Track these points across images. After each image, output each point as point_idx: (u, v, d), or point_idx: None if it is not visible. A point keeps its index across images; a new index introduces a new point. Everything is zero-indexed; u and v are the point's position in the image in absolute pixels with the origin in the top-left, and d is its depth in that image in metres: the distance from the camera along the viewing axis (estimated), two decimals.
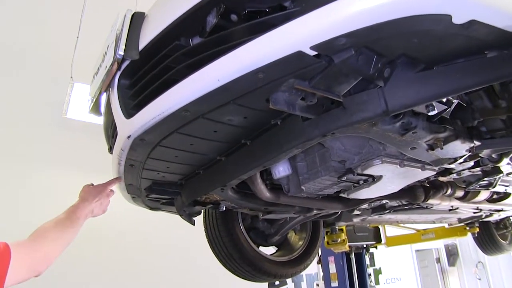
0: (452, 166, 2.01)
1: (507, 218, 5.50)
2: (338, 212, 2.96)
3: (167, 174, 2.19)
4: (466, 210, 3.30)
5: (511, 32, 1.22)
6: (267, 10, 1.43)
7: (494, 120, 1.96)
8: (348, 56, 1.24)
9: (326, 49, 1.21)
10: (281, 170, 2.11)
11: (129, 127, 1.67)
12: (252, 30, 1.33)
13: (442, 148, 1.68)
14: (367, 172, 1.94)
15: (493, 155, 2.14)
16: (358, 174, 1.97)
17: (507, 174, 2.49)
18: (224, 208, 2.58)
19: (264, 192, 2.22)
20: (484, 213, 3.71)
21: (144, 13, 1.84)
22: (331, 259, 6.46)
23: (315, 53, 1.22)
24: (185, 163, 2.03)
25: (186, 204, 2.37)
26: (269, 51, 1.25)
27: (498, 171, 2.34)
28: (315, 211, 2.65)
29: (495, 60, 1.31)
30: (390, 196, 2.46)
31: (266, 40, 1.26)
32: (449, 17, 1.13)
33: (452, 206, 3.03)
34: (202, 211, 3.02)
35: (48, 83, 6.36)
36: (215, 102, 1.44)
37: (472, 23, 1.15)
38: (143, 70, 1.68)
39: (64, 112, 5.70)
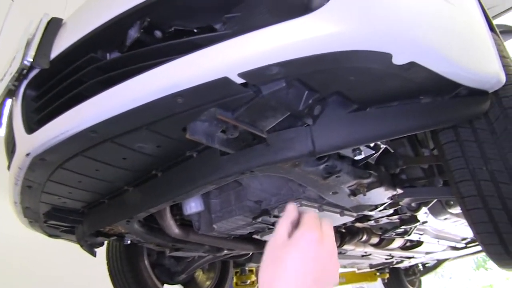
0: (371, 213, 1.95)
1: (416, 264, 5.59)
2: (249, 253, 2.83)
3: (69, 200, 1.97)
4: (379, 256, 3.28)
5: (447, 79, 1.16)
6: (196, 30, 1.32)
7: (415, 168, 1.93)
8: (278, 88, 1.13)
9: (256, 78, 1.10)
10: (192, 206, 1.96)
11: (29, 144, 1.48)
12: (175, 49, 1.20)
13: (365, 195, 1.61)
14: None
15: (413, 204, 2.11)
16: (274, 216, 1.86)
17: (422, 223, 2.47)
18: (129, 242, 2.38)
19: (173, 228, 2.06)
20: (396, 259, 3.72)
21: (62, 20, 1.66)
22: None
23: (243, 81, 1.11)
24: (89, 190, 1.83)
25: (88, 234, 2.16)
26: (191, 74, 1.13)
27: (415, 219, 2.32)
28: (225, 251, 2.51)
29: (429, 107, 1.26)
30: None
31: (189, 62, 1.13)
32: (389, 56, 1.06)
33: (365, 252, 2.99)
34: (106, 242, 2.80)
35: None
36: (126, 125, 1.29)
37: (412, 65, 1.09)
38: (52, 82, 1.50)
39: None
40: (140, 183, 1.73)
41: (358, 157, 1.43)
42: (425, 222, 2.47)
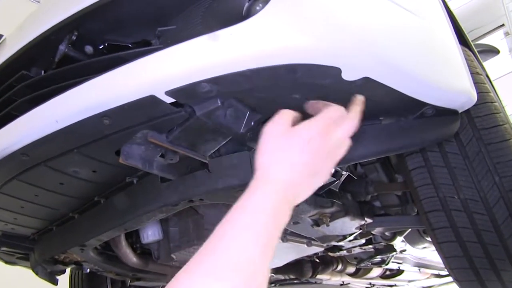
0: (341, 243, 1.80)
1: None
2: None
3: (16, 226, 1.83)
4: (358, 285, 3.12)
5: (410, 97, 1.03)
6: (131, 45, 1.19)
7: (389, 195, 1.77)
8: (213, 108, 0.99)
9: (186, 96, 0.97)
10: (149, 234, 1.82)
11: None
12: (103, 65, 1.06)
13: (328, 225, 1.46)
14: None
15: (386, 233, 1.96)
16: None
17: (401, 252, 2.31)
18: (88, 270, 2.23)
19: (130, 257, 1.92)
20: None
21: (2, 36, 1.54)
22: None
23: (173, 100, 0.98)
24: (34, 216, 1.69)
25: (39, 262, 2.01)
26: (115, 92, 1.01)
27: (391, 249, 2.16)
28: None
29: (390, 129, 1.12)
30: (276, 270, 2.22)
31: (113, 78, 1.01)
32: (337, 70, 0.91)
33: (343, 282, 2.83)
34: (68, 270, 2.65)
35: None
36: (56, 148, 1.18)
37: (367, 81, 0.95)
38: None
39: None
40: (85, 210, 1.59)
41: None
42: (404, 250, 2.31)
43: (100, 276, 2.63)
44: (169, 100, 0.97)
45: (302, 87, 0.96)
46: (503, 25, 7.20)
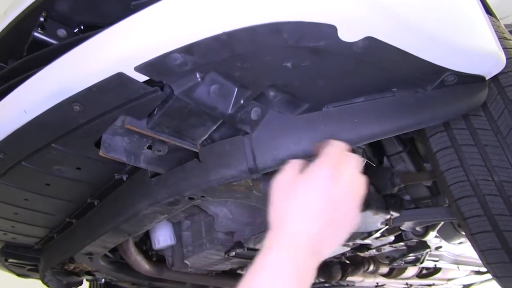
0: (367, 241, 1.63)
1: None
2: None
3: (17, 235, 1.75)
4: (394, 286, 2.92)
5: (426, 61, 0.86)
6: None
7: (419, 186, 1.60)
8: (193, 85, 0.85)
9: (158, 72, 0.82)
10: (161, 239, 1.72)
11: None
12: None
13: None
14: (261, 246, 1.54)
15: (417, 228, 1.77)
16: (251, 249, 1.55)
17: (436, 249, 2.12)
18: (103, 280, 2.12)
19: (142, 265, 1.82)
20: None
21: None
22: None
23: (145, 77, 0.83)
24: (31, 224, 1.59)
25: (46, 272, 1.92)
26: (78, 72, 0.87)
27: (424, 246, 1.97)
28: None
29: (406, 102, 0.96)
30: None
31: (75, 57, 0.87)
32: (332, 29, 0.76)
33: (377, 283, 2.64)
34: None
35: None
36: (31, 143, 1.06)
37: (370, 41, 0.79)
38: None
39: None
40: (82, 214, 1.46)
41: None
42: (439, 247, 2.12)
43: (117, 286, 2.52)
44: (141, 77, 0.83)
45: (292, 52, 0.81)
46: None
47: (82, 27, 1.09)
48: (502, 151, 1.05)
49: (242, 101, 0.90)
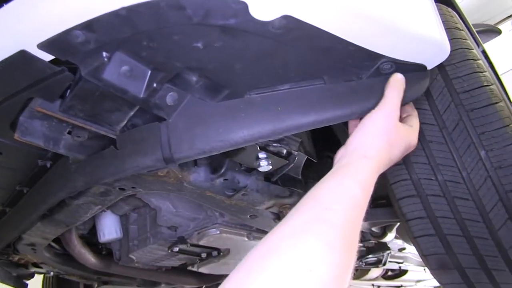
0: None
1: None
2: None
3: None
4: (360, 287, 2.84)
5: (358, 46, 0.79)
6: None
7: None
8: (99, 65, 0.77)
9: (62, 50, 0.74)
10: (106, 232, 1.63)
11: None
12: None
13: None
14: (205, 243, 1.46)
15: (374, 229, 1.70)
16: (194, 245, 1.48)
17: (400, 250, 2.05)
18: (52, 274, 2.04)
19: (87, 258, 1.73)
20: None
21: None
22: None
23: (51, 56, 0.75)
24: None
25: None
26: None
27: (384, 247, 1.89)
28: (163, 286, 2.13)
29: (338, 90, 0.88)
30: None
31: None
32: (243, 5, 0.68)
33: None
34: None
35: None
36: None
37: (289, 21, 0.72)
38: None
39: None
40: (14, 202, 1.38)
41: (262, 169, 1.05)
42: (403, 249, 2.05)
43: (72, 281, 2.44)
44: (47, 56, 0.75)
45: (201, 31, 0.73)
46: (511, 16, 7.00)
47: None
48: (447, 148, 0.98)
49: (155, 84, 0.82)
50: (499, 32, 2.77)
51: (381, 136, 0.84)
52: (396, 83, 0.88)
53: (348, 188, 0.73)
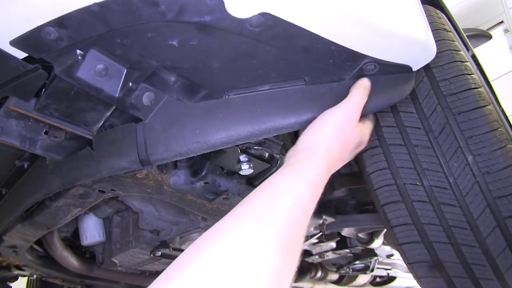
0: (304, 247, 1.53)
1: None
2: None
3: None
4: None
5: (339, 45, 0.76)
6: None
7: (364, 190, 1.49)
8: (72, 63, 0.74)
9: (34, 47, 0.72)
10: (88, 235, 1.60)
11: None
12: None
13: None
14: (187, 247, 1.44)
15: (361, 235, 1.67)
16: (176, 250, 1.45)
17: (388, 257, 2.02)
18: (35, 276, 2.00)
19: (70, 261, 1.71)
20: None
21: None
22: None
23: (24, 54, 0.73)
24: None
25: None
26: None
27: (371, 253, 1.86)
28: None
29: (319, 91, 0.86)
30: None
31: None
32: (218, 2, 0.66)
33: None
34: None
35: None
36: None
37: (267, 18, 0.69)
38: None
39: None
40: None
41: (244, 172, 1.02)
42: (391, 255, 2.02)
43: (56, 284, 2.41)
44: (20, 54, 0.73)
45: (176, 29, 0.70)
46: (502, 22, 7.04)
47: None
48: (433, 152, 0.95)
49: (131, 84, 0.79)
50: (489, 36, 2.76)
51: (335, 135, 0.82)
52: (362, 85, 0.85)
53: (292, 186, 0.71)
